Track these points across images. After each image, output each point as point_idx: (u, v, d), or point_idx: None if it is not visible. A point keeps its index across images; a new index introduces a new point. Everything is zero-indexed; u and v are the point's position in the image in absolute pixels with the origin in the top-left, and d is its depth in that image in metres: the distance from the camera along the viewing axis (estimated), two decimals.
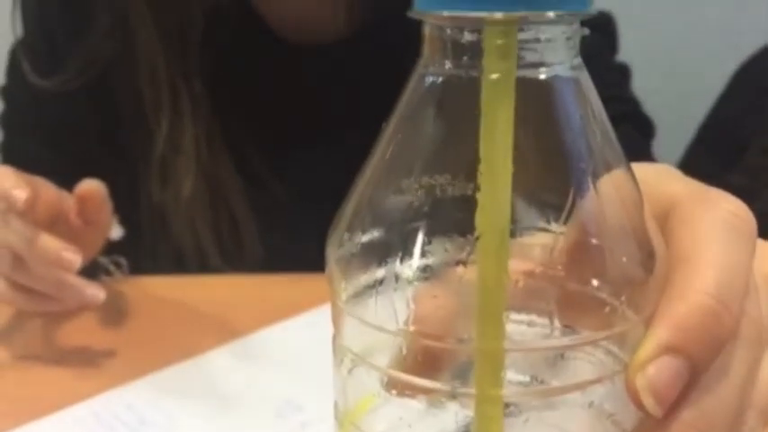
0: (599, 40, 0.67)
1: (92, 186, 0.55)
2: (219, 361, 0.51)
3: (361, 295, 0.22)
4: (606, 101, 0.74)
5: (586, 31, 0.21)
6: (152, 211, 0.65)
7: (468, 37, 0.20)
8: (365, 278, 0.22)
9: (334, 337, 0.24)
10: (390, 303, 0.22)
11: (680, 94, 1.17)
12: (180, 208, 0.63)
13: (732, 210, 0.23)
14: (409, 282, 0.22)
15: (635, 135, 0.64)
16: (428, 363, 0.22)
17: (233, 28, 0.62)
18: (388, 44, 0.45)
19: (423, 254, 0.22)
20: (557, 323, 0.23)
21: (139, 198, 0.65)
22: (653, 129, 0.67)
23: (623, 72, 0.68)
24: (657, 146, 0.67)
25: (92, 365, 0.52)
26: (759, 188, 0.69)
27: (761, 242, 0.26)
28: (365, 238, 0.22)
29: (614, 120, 0.73)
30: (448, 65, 0.20)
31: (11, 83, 0.69)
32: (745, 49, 0.85)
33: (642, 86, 0.70)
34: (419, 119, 0.22)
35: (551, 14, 0.19)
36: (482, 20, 0.19)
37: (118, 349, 0.53)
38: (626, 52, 0.70)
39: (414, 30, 0.21)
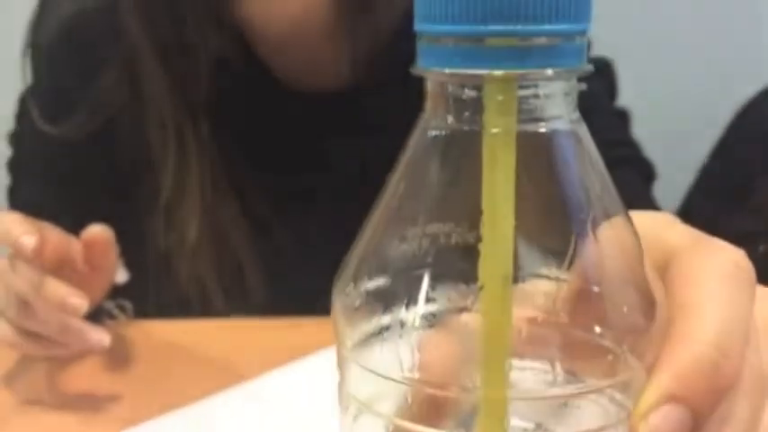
0: (598, 86, 0.68)
1: (98, 232, 0.56)
2: (224, 405, 0.51)
3: (367, 343, 0.23)
4: (606, 145, 0.74)
5: (584, 87, 0.21)
6: (157, 255, 0.65)
7: (469, 93, 0.20)
8: (370, 326, 0.23)
9: (340, 384, 0.24)
10: (395, 351, 0.22)
11: (680, 138, 1.18)
12: (185, 252, 0.63)
13: (731, 259, 0.23)
14: (414, 329, 0.22)
15: (636, 179, 0.65)
16: (433, 411, 0.22)
17: (239, 75, 0.63)
18: (390, 93, 0.46)
19: (427, 301, 0.22)
20: (560, 370, 0.23)
21: (145, 242, 0.65)
22: (653, 172, 0.68)
23: (623, 117, 0.69)
24: (658, 189, 0.67)
25: (96, 410, 0.52)
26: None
27: (761, 288, 0.26)
28: (370, 285, 0.23)
29: (615, 163, 0.73)
30: (450, 119, 0.21)
31: (20, 129, 0.71)
32: (744, 93, 0.86)
33: (642, 131, 0.71)
34: (423, 170, 0.22)
35: (549, 72, 0.20)
36: (482, 77, 0.20)
37: (122, 393, 0.53)
38: (625, 97, 0.71)
39: (415, 80, 0.22)
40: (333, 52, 0.64)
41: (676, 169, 0.79)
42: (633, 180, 0.65)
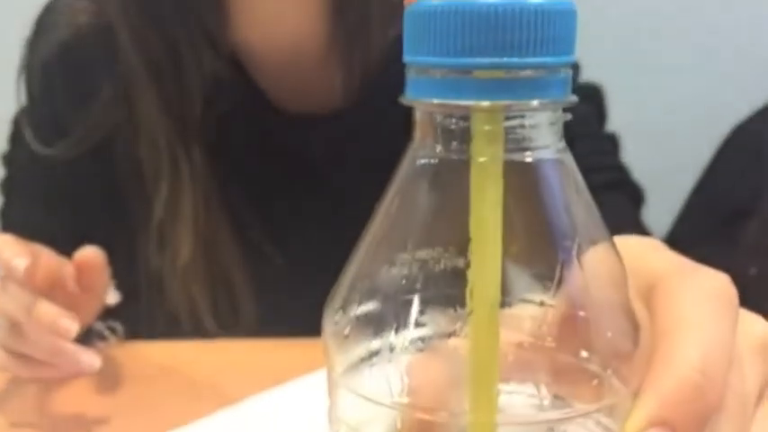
0: (588, 111, 0.69)
1: (90, 254, 0.56)
2: (215, 427, 0.51)
3: (357, 368, 0.23)
4: (596, 169, 0.75)
5: (569, 117, 0.22)
6: (149, 276, 0.65)
7: (456, 123, 0.21)
8: (360, 350, 0.23)
9: (330, 409, 0.24)
10: (385, 376, 0.23)
11: (669, 162, 1.19)
12: (176, 273, 0.63)
13: (714, 284, 0.24)
14: (403, 354, 0.23)
15: (625, 202, 0.65)
16: None
17: (233, 97, 0.63)
18: (383, 116, 0.47)
19: (416, 326, 0.23)
20: (547, 394, 0.23)
21: (137, 263, 0.66)
22: (642, 196, 0.68)
23: (612, 141, 0.70)
24: (647, 213, 0.68)
25: None
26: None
27: (744, 312, 0.27)
28: (360, 310, 0.23)
29: (604, 187, 0.74)
30: (438, 148, 0.21)
31: (13, 150, 0.71)
32: (732, 119, 0.87)
33: (631, 155, 0.71)
34: (412, 197, 0.23)
35: (535, 103, 0.20)
36: (470, 108, 0.20)
37: (112, 416, 0.53)
38: (615, 122, 0.72)
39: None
40: (328, 76, 0.65)
41: (666, 194, 0.80)
42: (622, 204, 0.65)
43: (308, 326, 0.30)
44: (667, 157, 1.20)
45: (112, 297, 0.60)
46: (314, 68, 0.64)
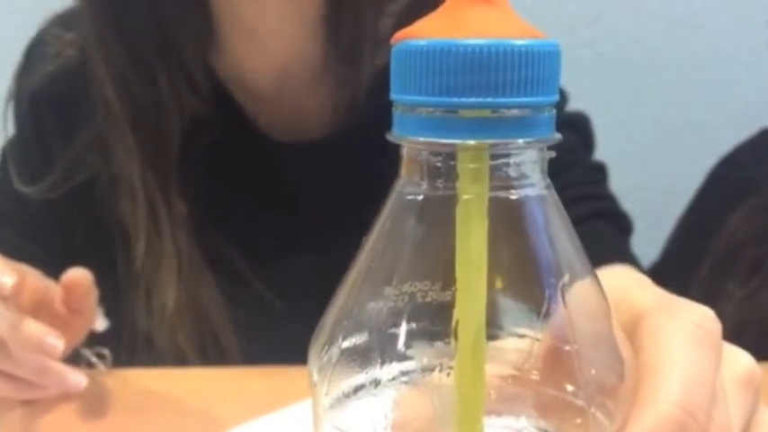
0: (575, 140, 0.69)
1: (78, 275, 0.55)
2: None
3: (342, 403, 0.23)
4: (583, 198, 0.75)
5: (553, 154, 0.22)
6: (134, 327, 0.64)
7: (442, 161, 0.21)
8: (346, 384, 0.23)
9: None
10: (370, 409, 0.23)
11: (656, 190, 1.20)
12: (163, 324, 0.63)
13: (697, 321, 0.24)
14: (388, 388, 0.23)
15: (613, 231, 0.66)
16: None
17: (218, 128, 0.63)
18: (370, 144, 0.47)
19: (402, 360, 0.23)
20: (533, 428, 0.23)
21: (121, 310, 0.65)
22: (630, 225, 0.69)
23: (600, 170, 0.71)
24: (635, 242, 0.68)
25: None
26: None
27: (728, 346, 0.27)
28: (346, 344, 0.23)
29: (592, 216, 0.74)
30: (425, 185, 0.22)
31: (1, 180, 0.70)
32: (721, 147, 0.88)
33: (619, 184, 0.72)
34: (399, 232, 0.23)
35: (521, 141, 0.21)
36: (456, 146, 0.21)
37: None
38: (603, 151, 0.73)
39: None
40: (317, 101, 0.65)
41: (653, 223, 0.80)
42: (610, 233, 0.65)
43: (298, 359, 0.30)
44: (655, 185, 1.21)
45: (101, 323, 0.60)
46: (304, 93, 0.65)
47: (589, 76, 1.13)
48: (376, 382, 0.23)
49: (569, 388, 0.23)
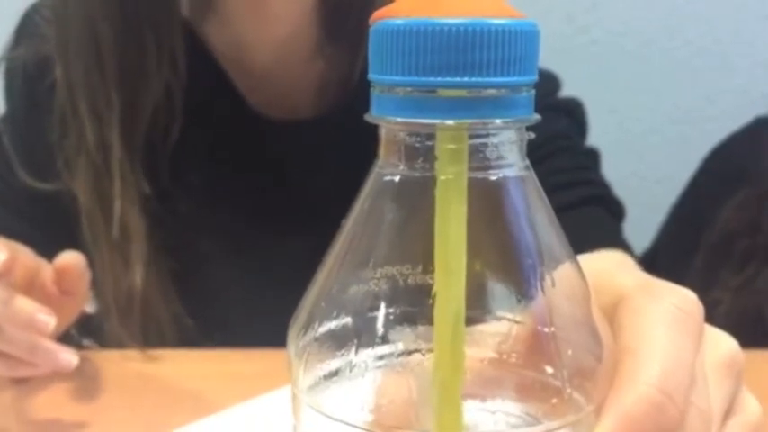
0: (568, 126, 0.69)
1: (71, 258, 0.55)
2: None
3: (320, 385, 0.23)
4: (576, 184, 0.75)
5: (532, 136, 0.22)
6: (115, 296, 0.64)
7: (421, 141, 0.21)
8: (324, 368, 0.23)
9: (295, 428, 0.24)
10: (348, 393, 0.23)
11: (649, 177, 1.20)
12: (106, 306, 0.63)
13: (678, 303, 0.24)
14: (367, 371, 0.23)
15: (605, 217, 0.65)
16: None
17: (212, 104, 0.63)
18: (361, 128, 0.46)
19: (381, 343, 0.23)
20: (512, 411, 0.23)
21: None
22: (623, 211, 0.68)
23: (592, 156, 0.70)
24: (627, 231, 0.68)
25: None
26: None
27: (710, 329, 0.27)
28: (325, 328, 0.23)
29: (585, 202, 0.74)
30: (403, 166, 0.22)
31: None
32: (716, 136, 0.87)
33: (612, 172, 0.72)
34: (377, 214, 0.23)
35: (499, 121, 0.21)
36: (434, 126, 0.20)
37: (90, 422, 0.53)
38: (597, 139, 0.72)
39: None
40: (309, 82, 0.65)
41: (647, 209, 0.80)
42: (603, 218, 0.65)
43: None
44: (648, 172, 1.21)
45: (92, 305, 0.60)
46: (298, 72, 0.65)
47: (584, 64, 1.13)
48: (354, 365, 0.23)
49: (548, 370, 0.23)
